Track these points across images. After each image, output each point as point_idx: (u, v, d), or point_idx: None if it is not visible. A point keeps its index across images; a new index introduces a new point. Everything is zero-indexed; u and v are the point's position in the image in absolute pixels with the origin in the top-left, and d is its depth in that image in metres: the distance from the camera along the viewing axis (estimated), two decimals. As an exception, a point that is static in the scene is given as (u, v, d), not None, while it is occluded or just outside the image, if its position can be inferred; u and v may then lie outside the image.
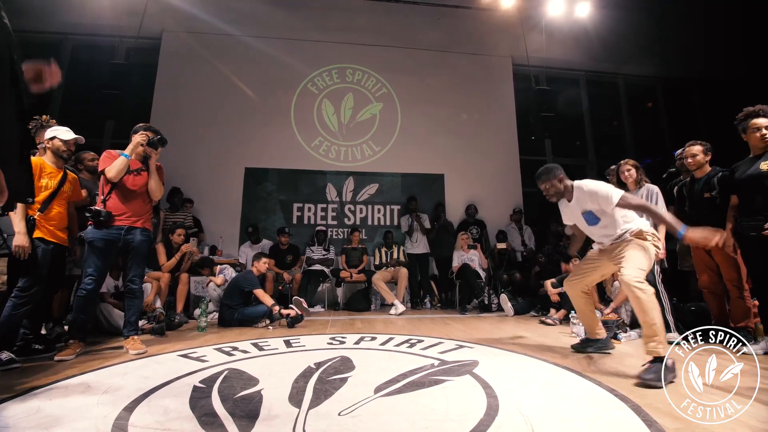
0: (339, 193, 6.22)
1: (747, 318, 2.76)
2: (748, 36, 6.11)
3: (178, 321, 3.59)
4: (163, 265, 3.99)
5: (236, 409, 1.52)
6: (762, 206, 2.49)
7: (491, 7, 6.18)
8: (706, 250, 2.94)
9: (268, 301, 3.68)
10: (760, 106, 2.56)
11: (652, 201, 3.06)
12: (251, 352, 2.55)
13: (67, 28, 6.03)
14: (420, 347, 2.68)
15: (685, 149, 3.00)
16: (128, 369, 2.12)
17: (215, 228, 5.65)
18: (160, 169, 2.76)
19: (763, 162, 2.51)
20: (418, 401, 1.61)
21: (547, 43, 6.37)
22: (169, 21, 6.04)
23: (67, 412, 1.47)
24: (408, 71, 6.67)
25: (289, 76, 6.41)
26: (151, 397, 1.66)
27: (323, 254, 5.44)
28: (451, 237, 5.66)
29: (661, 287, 2.94)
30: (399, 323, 3.89)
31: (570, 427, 1.37)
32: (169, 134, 2.89)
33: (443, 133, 6.55)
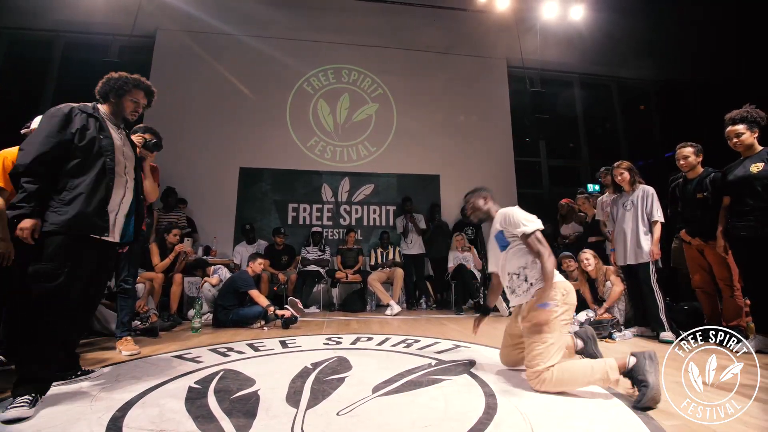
0: (334, 193, 6.20)
1: (739, 317, 2.80)
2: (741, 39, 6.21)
3: (172, 322, 3.55)
4: (157, 266, 3.94)
5: (233, 409, 1.50)
6: (752, 207, 2.53)
7: (487, 9, 6.21)
8: (699, 250, 2.98)
9: (263, 301, 3.66)
10: (745, 108, 2.61)
11: (647, 202, 3.09)
12: (247, 352, 2.53)
13: (59, 25, 5.95)
14: (417, 347, 2.67)
15: (677, 151, 3.04)
16: (121, 370, 2.09)
17: (209, 228, 5.61)
18: (155, 170, 2.72)
19: (753, 164, 2.56)
20: (416, 400, 1.60)
21: (541, 46, 6.42)
22: (164, 19, 5.98)
23: (60, 414, 1.45)
24: (404, 72, 6.68)
25: (285, 76, 6.39)
26: (145, 398, 1.64)
27: (319, 255, 5.42)
28: (447, 238, 5.67)
29: (655, 287, 2.98)
30: (395, 324, 3.89)
31: (568, 424, 1.37)
32: (163, 133, 2.84)
33: (439, 134, 6.57)
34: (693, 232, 2.96)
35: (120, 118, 1.90)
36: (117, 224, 1.80)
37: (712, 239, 2.80)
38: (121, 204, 1.81)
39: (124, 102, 1.88)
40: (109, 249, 1.83)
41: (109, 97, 1.88)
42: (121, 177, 1.81)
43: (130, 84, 1.88)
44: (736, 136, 2.59)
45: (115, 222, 1.78)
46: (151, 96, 1.98)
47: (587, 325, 2.94)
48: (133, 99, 1.89)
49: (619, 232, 3.20)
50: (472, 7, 6.25)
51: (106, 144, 1.76)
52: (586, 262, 3.42)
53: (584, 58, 7.07)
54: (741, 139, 2.59)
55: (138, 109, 1.93)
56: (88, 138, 1.72)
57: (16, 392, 1.46)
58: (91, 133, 1.73)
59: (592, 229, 4.33)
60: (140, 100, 1.92)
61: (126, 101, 1.88)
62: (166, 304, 3.92)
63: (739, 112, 2.61)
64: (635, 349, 1.68)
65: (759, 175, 2.51)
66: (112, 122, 1.86)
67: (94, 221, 1.67)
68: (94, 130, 1.74)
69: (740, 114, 2.59)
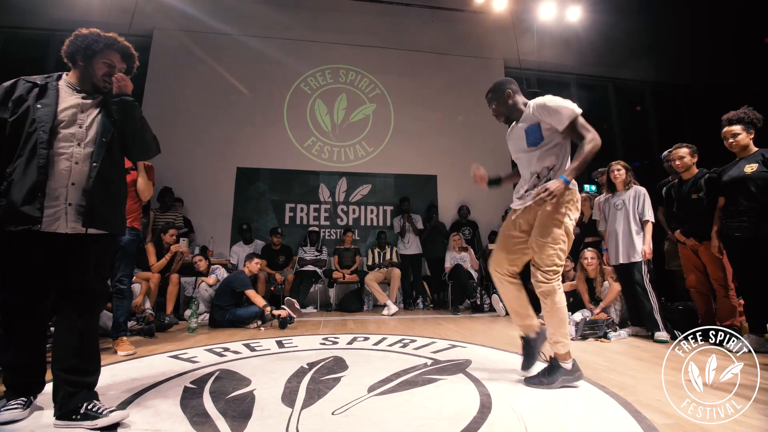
0: (332, 193, 6.20)
1: (733, 316, 2.83)
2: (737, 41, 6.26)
3: (168, 322, 3.54)
4: (153, 266, 3.93)
5: (228, 409, 1.50)
6: (746, 208, 2.55)
7: (484, 10, 6.23)
8: (694, 251, 3.00)
9: (260, 301, 3.65)
10: (742, 110, 2.63)
11: (639, 202, 3.12)
12: (243, 352, 2.53)
13: (55, 24, 5.91)
14: (413, 347, 2.68)
15: (673, 152, 3.06)
16: (117, 371, 2.08)
17: (206, 228, 5.59)
18: (150, 168, 2.72)
19: (747, 164, 2.58)
20: (411, 400, 1.61)
21: (538, 47, 6.45)
22: (161, 18, 5.97)
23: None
24: (401, 72, 6.68)
25: (282, 76, 6.38)
26: (141, 398, 1.64)
27: (316, 255, 5.42)
28: (444, 238, 5.68)
29: (648, 287, 3.00)
30: (392, 323, 3.89)
31: (562, 423, 1.38)
32: (160, 133, 2.82)
33: (436, 135, 6.58)
34: (688, 232, 2.97)
35: (89, 85, 1.53)
36: (71, 212, 1.41)
37: (706, 239, 2.82)
38: (69, 187, 1.41)
39: (94, 64, 1.51)
40: (72, 242, 1.43)
41: (76, 59, 1.52)
42: (66, 153, 1.42)
43: (101, 43, 1.51)
44: (733, 136, 2.62)
45: (66, 210, 1.40)
46: (129, 60, 1.61)
47: (583, 324, 2.97)
48: (105, 61, 1.52)
49: (611, 232, 3.22)
50: (470, 8, 6.27)
51: (42, 114, 1.40)
52: (590, 260, 3.43)
53: (581, 59, 7.11)
54: (737, 140, 2.61)
55: (113, 74, 1.54)
56: (22, 110, 1.40)
57: (8, 395, 1.42)
58: (28, 104, 1.41)
59: (590, 230, 4.34)
60: (116, 63, 1.55)
61: (97, 63, 1.51)
62: (163, 304, 3.91)
63: (736, 113, 2.63)
64: (630, 349, 1.69)
65: (753, 175, 2.53)
66: (72, 88, 1.51)
67: (22, 212, 1.34)
68: (31, 99, 1.42)
69: (737, 115, 2.62)
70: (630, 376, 1.98)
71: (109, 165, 1.50)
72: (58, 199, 1.39)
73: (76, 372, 1.42)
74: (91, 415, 1.36)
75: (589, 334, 2.95)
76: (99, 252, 1.52)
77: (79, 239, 1.44)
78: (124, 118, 1.54)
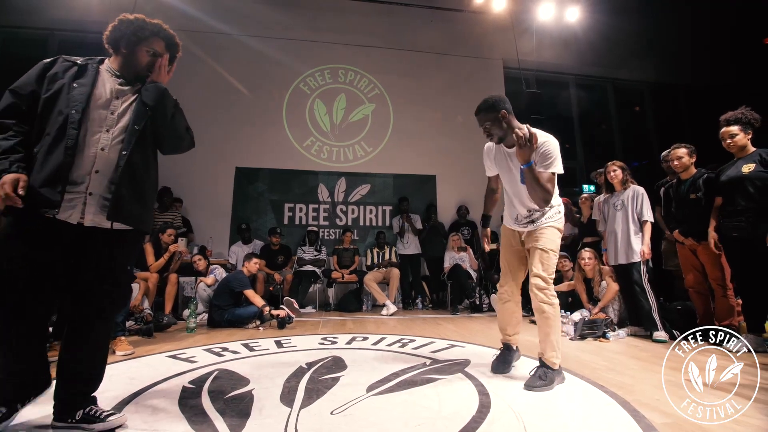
0: (331, 193, 6.20)
1: (731, 316, 2.83)
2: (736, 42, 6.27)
3: (167, 322, 3.53)
4: (151, 266, 3.92)
5: (227, 408, 1.50)
6: (743, 208, 2.56)
7: (483, 10, 6.24)
8: (692, 251, 3.01)
9: (259, 301, 3.65)
10: (740, 110, 2.64)
11: (637, 202, 3.12)
12: (242, 352, 2.52)
13: (54, 23, 5.91)
14: (412, 347, 2.68)
15: (671, 152, 3.06)
16: (115, 370, 2.07)
17: (205, 228, 5.58)
18: None
19: (744, 165, 2.59)
20: (410, 399, 1.61)
21: (537, 47, 6.45)
22: (161, 18, 5.78)
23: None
24: (400, 73, 6.68)
25: (282, 76, 6.37)
26: (139, 398, 1.64)
27: (315, 255, 5.41)
28: (442, 238, 5.68)
29: (647, 287, 3.00)
30: (391, 323, 3.89)
31: (561, 422, 1.38)
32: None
33: (435, 135, 6.58)
34: (686, 232, 2.98)
35: (131, 72, 1.45)
36: (90, 202, 1.29)
37: (704, 239, 2.82)
38: (92, 175, 1.30)
39: (138, 53, 1.45)
40: (86, 237, 1.31)
41: (119, 45, 1.45)
42: (94, 137, 1.32)
43: (147, 30, 1.46)
44: (730, 137, 2.62)
45: (85, 199, 1.29)
46: (174, 49, 1.54)
47: (582, 324, 2.97)
48: (149, 49, 1.46)
49: (610, 232, 3.23)
50: (469, 8, 6.28)
51: (77, 93, 1.32)
52: (587, 260, 3.43)
53: (580, 59, 7.11)
54: (735, 140, 2.61)
55: (156, 63, 1.48)
56: (56, 87, 1.32)
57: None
58: (63, 82, 1.33)
59: (589, 230, 4.35)
60: (160, 51, 1.49)
61: (140, 51, 1.45)
62: (161, 304, 3.90)
63: (734, 114, 2.64)
64: (629, 348, 1.70)
65: (750, 175, 2.54)
66: (112, 74, 1.44)
67: (41, 194, 1.22)
68: (68, 78, 1.35)
69: (735, 115, 2.62)
70: (629, 375, 1.98)
71: (139, 155, 1.40)
72: (78, 185, 1.29)
73: (80, 380, 1.37)
74: (89, 419, 1.33)
75: (588, 334, 2.95)
76: (123, 250, 1.41)
77: (96, 234, 1.32)
78: (155, 105, 1.43)
